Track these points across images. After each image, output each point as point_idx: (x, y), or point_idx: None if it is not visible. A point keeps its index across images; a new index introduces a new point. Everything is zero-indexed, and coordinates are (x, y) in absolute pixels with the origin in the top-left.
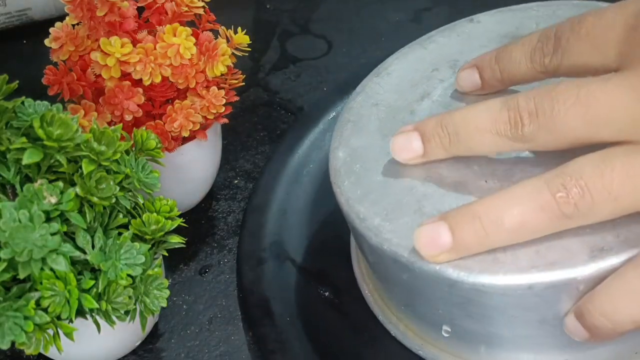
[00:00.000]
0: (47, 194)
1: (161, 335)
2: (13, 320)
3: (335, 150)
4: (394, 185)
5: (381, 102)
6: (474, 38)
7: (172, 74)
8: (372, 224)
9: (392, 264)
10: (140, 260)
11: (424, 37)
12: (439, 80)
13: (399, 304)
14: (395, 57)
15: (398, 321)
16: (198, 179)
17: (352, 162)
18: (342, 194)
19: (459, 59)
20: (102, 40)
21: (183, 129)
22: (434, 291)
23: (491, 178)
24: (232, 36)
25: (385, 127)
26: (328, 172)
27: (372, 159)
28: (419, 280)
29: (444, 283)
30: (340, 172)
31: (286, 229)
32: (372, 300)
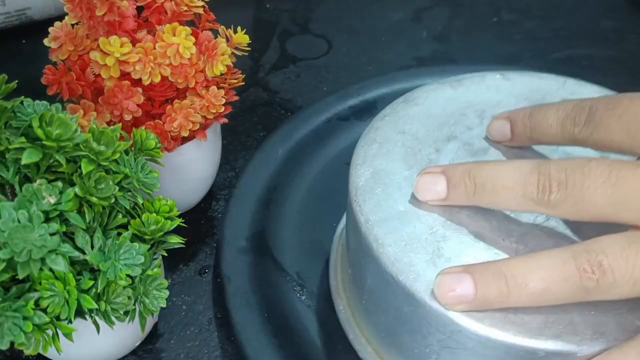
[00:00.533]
0: (46, 194)
1: (161, 336)
2: (12, 321)
3: (358, 166)
4: (415, 220)
5: (408, 131)
6: (502, 94)
7: (171, 73)
8: (389, 251)
9: (401, 295)
10: (139, 260)
11: (454, 78)
12: (466, 126)
13: (379, 329)
14: (424, 90)
15: (367, 343)
16: (197, 179)
17: (374, 183)
18: (362, 214)
19: (486, 110)
20: (101, 39)
21: (182, 129)
22: (434, 331)
23: (508, 237)
24: (231, 36)
25: (410, 157)
26: (319, 170)
27: (394, 185)
28: (422, 317)
29: (450, 327)
30: (362, 190)
31: (269, 222)
32: (345, 317)
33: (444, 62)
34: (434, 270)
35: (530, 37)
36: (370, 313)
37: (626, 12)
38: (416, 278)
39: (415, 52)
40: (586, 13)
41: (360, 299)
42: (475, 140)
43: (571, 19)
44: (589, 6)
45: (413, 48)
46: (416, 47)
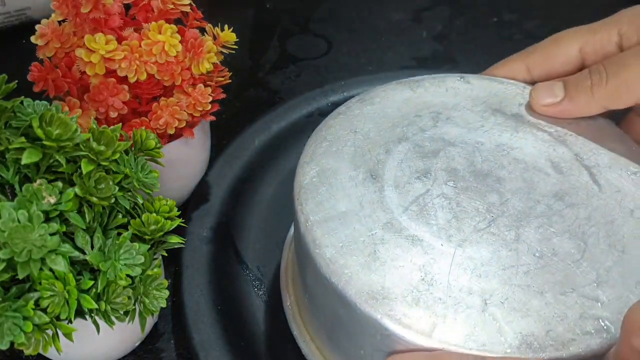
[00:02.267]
0: (46, 194)
1: (161, 336)
2: (12, 321)
3: (305, 164)
4: (355, 221)
5: (360, 130)
6: (460, 97)
7: (157, 71)
8: (325, 252)
9: (334, 297)
10: (139, 260)
11: (414, 78)
12: (419, 127)
13: (319, 328)
14: (382, 89)
15: (310, 341)
16: (186, 176)
17: (319, 182)
18: (303, 213)
19: (441, 112)
20: (86, 37)
21: (168, 127)
22: (365, 334)
23: (447, 242)
24: (218, 34)
25: (358, 157)
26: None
27: (339, 186)
28: (355, 320)
29: (380, 332)
30: (305, 189)
31: (236, 214)
32: (291, 313)
33: (444, 62)
34: (367, 273)
35: (530, 37)
36: (312, 312)
37: None
38: (349, 281)
39: (415, 52)
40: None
41: (304, 297)
42: (427, 143)
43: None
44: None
45: (413, 48)
46: (416, 47)
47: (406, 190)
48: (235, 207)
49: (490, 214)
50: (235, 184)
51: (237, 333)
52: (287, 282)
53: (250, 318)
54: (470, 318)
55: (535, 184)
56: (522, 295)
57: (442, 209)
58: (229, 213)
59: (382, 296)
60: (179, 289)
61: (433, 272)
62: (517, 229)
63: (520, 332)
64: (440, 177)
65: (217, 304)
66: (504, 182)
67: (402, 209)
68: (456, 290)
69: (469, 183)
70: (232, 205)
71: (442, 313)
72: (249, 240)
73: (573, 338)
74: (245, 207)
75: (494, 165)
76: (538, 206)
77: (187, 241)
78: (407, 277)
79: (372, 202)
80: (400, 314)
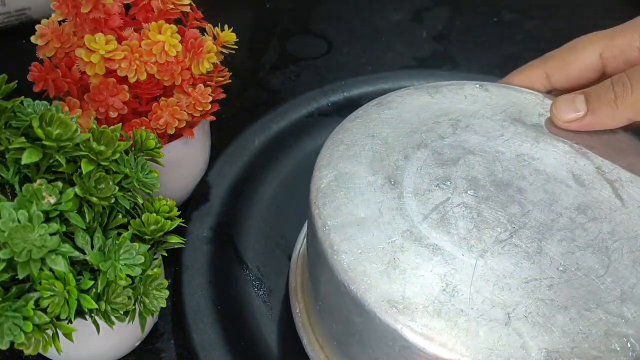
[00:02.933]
0: (46, 194)
1: (161, 336)
2: (12, 321)
3: (322, 168)
4: (374, 228)
5: (378, 135)
6: (479, 104)
7: (157, 71)
8: (344, 259)
9: (351, 304)
10: (139, 260)
11: (432, 84)
12: (438, 134)
13: (330, 337)
14: (399, 94)
15: (320, 350)
16: (186, 176)
17: (336, 186)
18: (320, 218)
19: (460, 119)
20: (86, 37)
21: (168, 127)
22: (382, 345)
23: (468, 252)
24: (218, 34)
25: (376, 162)
26: (294, 165)
27: (357, 190)
28: (372, 329)
29: (399, 343)
30: (323, 193)
31: (236, 214)
32: (300, 321)
33: (444, 62)
34: (387, 281)
35: (530, 37)
36: (323, 319)
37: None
38: (368, 289)
39: (415, 52)
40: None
41: (315, 304)
42: (446, 150)
43: (571, 19)
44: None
45: (413, 48)
46: (416, 47)
47: (426, 197)
48: (235, 207)
49: (512, 225)
50: (235, 184)
51: (237, 333)
52: (297, 288)
53: (250, 318)
54: (494, 332)
55: (557, 196)
56: (545, 310)
57: (463, 218)
58: (229, 213)
59: (402, 306)
60: (179, 289)
61: (454, 283)
62: (539, 241)
63: (545, 348)
64: (460, 186)
65: (217, 304)
66: (525, 193)
67: (422, 216)
68: (478, 302)
69: (490, 193)
70: (232, 205)
71: (465, 326)
72: (249, 240)
73: (598, 356)
74: (245, 207)
75: (514, 175)
76: (560, 219)
77: (187, 241)
78: (428, 287)
79: (392, 209)
80: (422, 325)
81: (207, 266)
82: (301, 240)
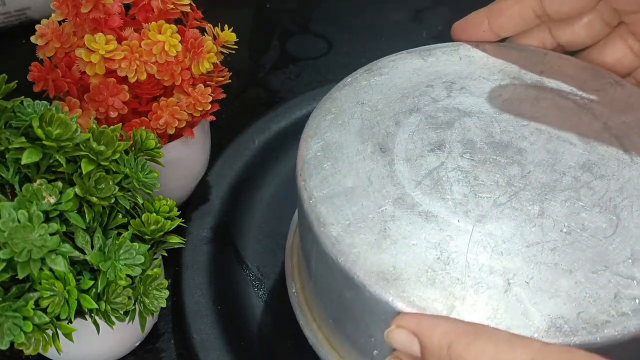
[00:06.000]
0: (46, 194)
1: (161, 336)
2: (12, 321)
3: (309, 139)
4: (363, 197)
5: (368, 102)
6: (475, 65)
7: (157, 71)
8: (331, 231)
9: (341, 278)
10: (139, 260)
11: (425, 47)
12: (431, 98)
13: (326, 315)
14: (391, 59)
15: (318, 330)
16: (185, 176)
17: (323, 157)
18: (306, 190)
19: (455, 82)
20: (86, 37)
21: (168, 127)
22: (375, 319)
23: (464, 218)
24: (218, 34)
25: (366, 130)
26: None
27: (345, 160)
28: (364, 303)
29: (392, 316)
30: (309, 165)
31: (236, 213)
32: (297, 301)
33: None
34: (377, 252)
35: None
36: (318, 298)
37: None
38: (356, 260)
39: None
40: None
41: (309, 282)
42: (440, 113)
43: None
44: None
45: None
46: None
47: (418, 163)
48: (235, 207)
49: (512, 188)
50: (235, 184)
51: (237, 333)
52: (292, 269)
53: (250, 318)
54: (492, 299)
55: (560, 155)
56: (549, 274)
57: (458, 183)
58: (229, 213)
59: (393, 277)
60: (179, 289)
61: (449, 251)
62: (541, 203)
63: (549, 314)
64: (455, 150)
65: (217, 304)
66: (526, 154)
67: (414, 183)
68: (475, 270)
69: (487, 155)
70: (232, 205)
71: (461, 294)
72: (249, 240)
73: (607, 320)
74: (245, 207)
75: (514, 136)
76: (564, 178)
77: (187, 241)
78: (421, 256)
79: (382, 177)
80: (414, 295)
81: (207, 266)
82: (294, 224)
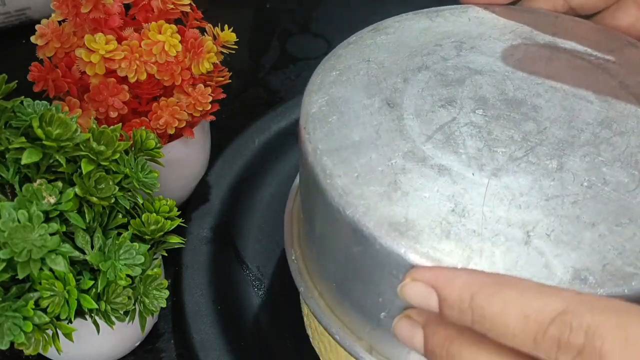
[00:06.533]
0: (46, 194)
1: (161, 336)
2: (12, 321)
3: (312, 94)
4: (371, 150)
5: (374, 59)
6: (486, 26)
7: (157, 71)
8: (338, 182)
9: (348, 233)
10: (139, 260)
11: (433, 9)
12: (440, 56)
13: (330, 279)
14: (397, 20)
15: (319, 297)
16: (185, 176)
17: (329, 111)
18: (311, 143)
19: (465, 41)
20: (86, 37)
21: (168, 127)
22: (385, 275)
23: (479, 171)
24: (218, 34)
25: (373, 86)
26: (294, 165)
27: (352, 114)
28: (373, 258)
29: (403, 269)
30: (313, 118)
31: (236, 213)
32: (296, 268)
33: None
34: (388, 204)
35: None
36: (320, 261)
37: None
38: (366, 212)
39: None
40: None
41: (311, 246)
42: (450, 71)
43: None
44: None
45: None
46: None
47: (429, 118)
48: (235, 207)
49: (528, 143)
50: (235, 184)
51: (237, 333)
52: (292, 237)
53: (250, 318)
54: (511, 252)
55: (576, 111)
56: (570, 227)
57: (472, 138)
58: (229, 213)
59: (405, 228)
60: (179, 289)
61: (464, 203)
62: (559, 158)
63: (572, 267)
64: (467, 106)
65: (217, 304)
66: (541, 111)
67: (424, 137)
68: (493, 222)
69: (501, 111)
70: (232, 205)
71: (478, 247)
72: (249, 240)
73: (635, 272)
74: (245, 207)
75: (528, 93)
76: (582, 135)
77: (187, 241)
78: (434, 208)
79: (390, 131)
80: (428, 247)
81: (207, 266)
82: (293, 192)
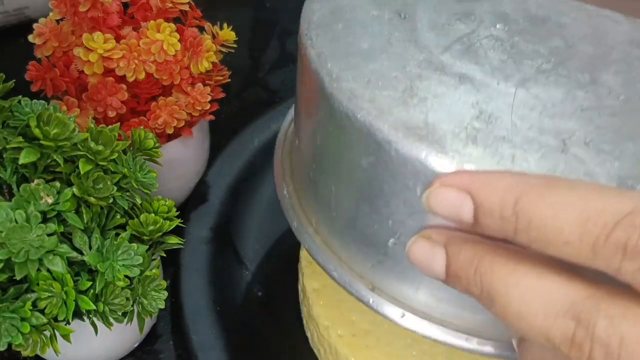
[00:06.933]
0: (43, 194)
1: (159, 337)
2: (10, 322)
3: (314, 2)
4: (383, 58)
5: None
6: None
7: (156, 70)
8: (345, 86)
9: (358, 141)
10: (138, 261)
11: None
12: None
13: (329, 209)
14: None
15: (315, 234)
16: (184, 176)
17: (333, 19)
18: (314, 47)
19: None
20: (84, 35)
21: (167, 126)
22: (400, 188)
23: (504, 81)
24: (217, 33)
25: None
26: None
27: (359, 23)
28: (386, 169)
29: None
30: (316, 25)
31: (236, 214)
32: (289, 203)
33: None
34: (404, 108)
35: None
36: (318, 188)
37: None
38: (379, 115)
39: None
40: None
41: (307, 174)
42: None
43: None
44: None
45: None
46: None
47: (445, 31)
48: (235, 207)
49: (556, 57)
50: (234, 184)
51: (237, 333)
52: (283, 171)
53: (250, 318)
54: (547, 158)
55: (605, 30)
56: (611, 137)
57: (494, 50)
58: (228, 213)
59: (426, 131)
60: (177, 290)
61: (490, 110)
62: (591, 72)
63: (617, 175)
64: (487, 20)
65: (217, 304)
66: (567, 28)
67: (442, 48)
68: (524, 129)
69: (524, 27)
70: (231, 205)
71: (509, 153)
72: (249, 240)
73: None
74: (245, 207)
75: (552, 11)
76: (613, 52)
77: (186, 241)
78: (457, 114)
79: (403, 41)
80: (453, 151)
81: (206, 267)
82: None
